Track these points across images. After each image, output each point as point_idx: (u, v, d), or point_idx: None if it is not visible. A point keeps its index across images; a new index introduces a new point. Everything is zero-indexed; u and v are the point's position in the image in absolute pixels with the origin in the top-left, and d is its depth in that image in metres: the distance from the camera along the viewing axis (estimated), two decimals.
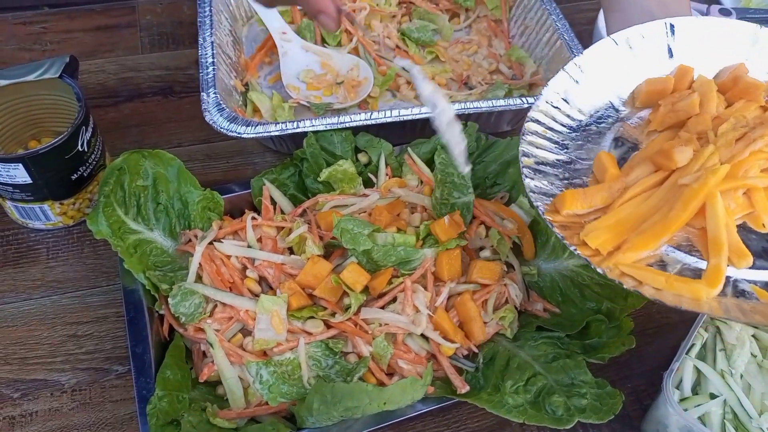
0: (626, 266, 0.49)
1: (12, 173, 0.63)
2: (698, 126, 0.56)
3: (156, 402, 0.52)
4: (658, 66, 0.62)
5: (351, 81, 0.86)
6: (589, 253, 0.50)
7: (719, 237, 0.48)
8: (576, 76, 0.61)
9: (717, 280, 0.47)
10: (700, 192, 0.50)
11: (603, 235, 0.50)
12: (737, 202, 0.51)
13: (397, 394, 0.52)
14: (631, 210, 0.53)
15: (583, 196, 0.53)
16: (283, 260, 0.62)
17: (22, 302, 0.66)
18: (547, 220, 0.52)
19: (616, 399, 0.53)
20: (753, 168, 0.51)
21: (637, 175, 0.55)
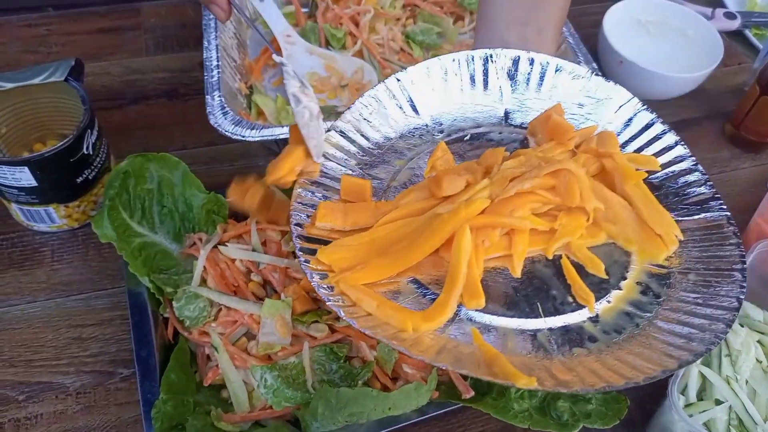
0: (348, 286, 0.47)
1: (17, 176, 0.63)
2: (488, 159, 0.54)
3: (161, 405, 0.52)
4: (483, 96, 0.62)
5: (355, 84, 0.86)
6: (320, 268, 0.49)
7: (457, 271, 0.47)
8: (395, 91, 0.60)
9: (438, 315, 0.46)
10: (450, 222, 0.48)
11: (340, 252, 0.49)
12: (493, 241, 0.49)
13: (402, 399, 0.52)
14: (387, 232, 0.51)
15: (344, 212, 0.52)
16: (288, 264, 0.62)
17: (26, 305, 0.66)
18: (294, 229, 0.51)
19: (622, 404, 0.53)
20: (522, 209, 0.50)
21: (410, 199, 0.53)
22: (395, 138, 0.58)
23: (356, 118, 0.59)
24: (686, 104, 0.92)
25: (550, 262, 0.51)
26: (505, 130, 0.60)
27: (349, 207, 0.52)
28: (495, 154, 0.54)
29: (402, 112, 0.60)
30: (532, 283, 0.50)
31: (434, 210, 0.50)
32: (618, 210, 0.52)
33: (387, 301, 0.46)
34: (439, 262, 0.49)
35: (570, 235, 0.50)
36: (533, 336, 0.48)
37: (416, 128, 0.60)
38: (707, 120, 0.92)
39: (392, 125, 0.59)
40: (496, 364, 0.43)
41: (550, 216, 0.51)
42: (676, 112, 0.91)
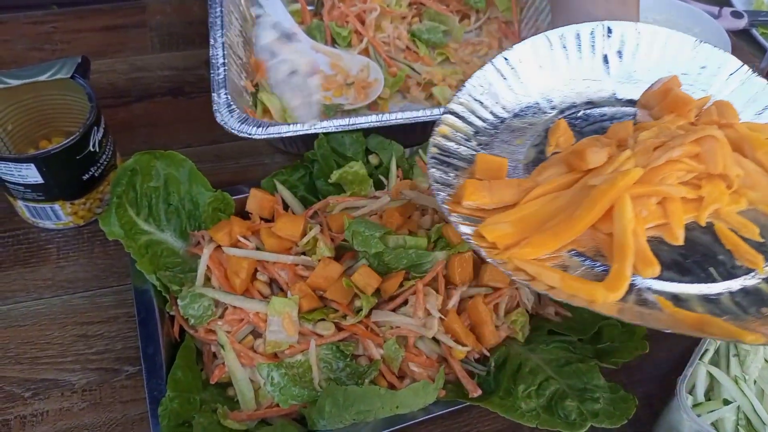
0: (521, 261, 0.47)
1: (24, 173, 0.63)
2: (620, 133, 0.54)
3: (167, 403, 0.52)
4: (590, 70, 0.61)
5: (361, 82, 0.86)
6: (484, 245, 0.48)
7: (625, 241, 0.46)
8: (504, 71, 0.59)
9: (618, 285, 0.45)
10: (608, 193, 0.47)
11: (502, 229, 0.48)
12: (650, 210, 0.48)
13: (410, 397, 0.51)
14: (536, 208, 0.50)
15: (489, 190, 0.51)
16: (294, 260, 0.62)
17: (32, 302, 0.66)
18: (445, 209, 0.50)
19: (630, 404, 0.53)
20: (670, 177, 0.49)
21: (549, 174, 0.53)
22: (509, 117, 0.58)
23: (468, 100, 0.58)
24: None
25: (704, 230, 0.50)
26: (617, 103, 0.60)
27: (493, 184, 0.51)
28: (624, 127, 0.54)
29: (512, 91, 0.59)
30: (696, 250, 0.49)
31: (583, 182, 0.50)
32: (755, 176, 0.52)
33: (568, 275, 0.46)
34: (594, 235, 0.49)
35: (718, 201, 0.50)
36: (716, 300, 0.46)
37: (528, 107, 0.59)
38: None
39: (504, 105, 0.59)
40: (708, 324, 0.43)
41: (692, 185, 0.50)
42: None
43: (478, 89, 0.58)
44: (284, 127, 0.70)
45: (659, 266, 0.46)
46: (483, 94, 0.58)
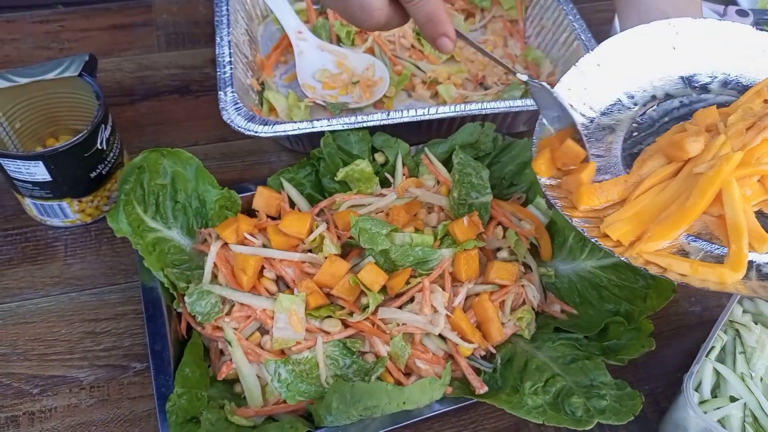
0: (650, 254, 0.49)
1: (32, 171, 0.63)
2: (706, 119, 0.57)
3: (175, 399, 0.52)
4: (662, 63, 0.63)
5: (366, 80, 0.86)
6: (611, 245, 0.51)
7: (738, 222, 0.49)
8: (587, 72, 0.61)
9: (740, 264, 0.47)
10: (715, 179, 0.50)
11: (623, 226, 0.51)
12: (753, 188, 0.51)
13: (417, 393, 0.52)
14: (647, 201, 0.53)
15: (600, 191, 0.54)
16: (300, 258, 0.62)
17: (40, 299, 0.66)
18: (566, 215, 0.53)
19: (636, 400, 0.53)
20: (766, 155, 0.52)
21: (650, 167, 0.55)
22: (597, 116, 0.61)
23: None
24: None
25: None
26: (692, 92, 0.63)
27: (603, 185, 0.54)
28: (709, 113, 0.57)
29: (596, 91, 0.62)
30: None
31: (687, 171, 0.53)
32: None
33: (696, 261, 0.49)
34: (704, 218, 0.52)
35: None
36: None
37: (612, 104, 0.62)
38: None
39: (591, 105, 0.61)
40: None
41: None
42: None
43: (566, 93, 0.60)
44: (290, 125, 0.71)
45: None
46: (572, 98, 0.60)
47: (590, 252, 0.64)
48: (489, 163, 0.73)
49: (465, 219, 0.62)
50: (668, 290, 0.58)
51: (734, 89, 0.62)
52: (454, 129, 0.74)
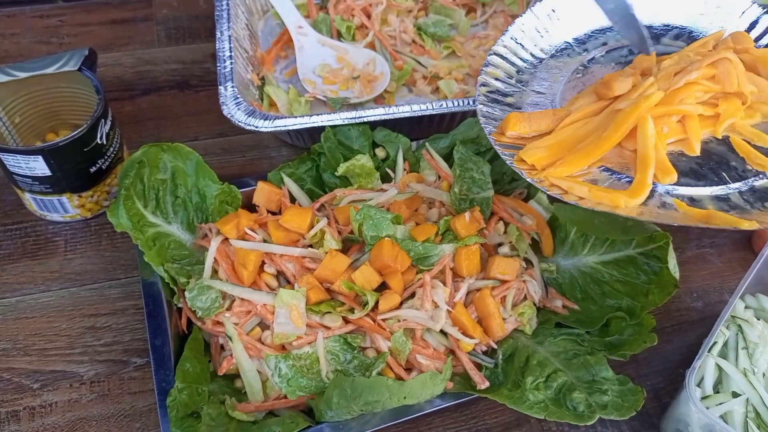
0: (555, 178, 0.54)
1: (31, 165, 0.63)
2: (644, 63, 0.61)
3: (176, 394, 0.52)
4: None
5: (367, 75, 0.85)
6: (525, 168, 0.56)
7: (647, 154, 0.53)
8: (541, 16, 0.68)
9: (640, 192, 0.52)
10: (632, 114, 0.54)
11: (540, 153, 0.56)
12: (671, 127, 0.56)
13: (417, 388, 0.51)
14: (570, 133, 0.58)
15: (528, 120, 0.59)
16: (301, 253, 0.61)
17: (40, 294, 0.66)
18: (492, 139, 0.59)
19: (638, 396, 0.53)
20: (689, 98, 0.56)
21: (580, 104, 0.60)
22: (546, 58, 0.67)
23: (511, 43, 0.68)
24: None
25: (720, 142, 0.57)
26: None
27: (532, 115, 0.60)
28: (648, 58, 0.62)
29: (548, 35, 0.69)
30: (711, 159, 0.56)
31: (611, 108, 0.57)
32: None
33: (595, 186, 0.53)
34: (621, 152, 0.56)
35: (732, 116, 0.56)
36: (726, 199, 0.53)
37: (563, 48, 0.68)
38: None
39: (542, 47, 0.68)
40: (713, 217, 0.50)
41: (710, 104, 0.57)
42: None
43: (520, 33, 0.67)
44: (291, 120, 0.70)
45: (676, 174, 0.53)
46: (524, 38, 0.67)
47: (592, 247, 0.64)
48: (490, 158, 0.73)
49: (467, 214, 0.62)
50: (670, 285, 0.58)
51: (684, 42, 0.67)
52: (455, 124, 0.74)
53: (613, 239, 0.62)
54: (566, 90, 0.64)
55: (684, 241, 0.75)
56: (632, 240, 0.61)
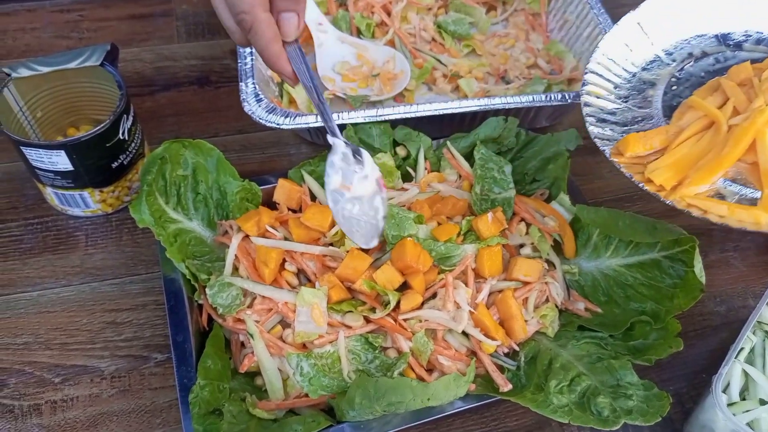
0: (690, 198, 0.56)
1: (54, 160, 0.63)
2: (740, 73, 0.63)
3: (198, 391, 0.52)
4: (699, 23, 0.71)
5: (387, 73, 0.85)
6: (654, 189, 0.58)
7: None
8: (628, 30, 0.70)
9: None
10: (749, 130, 0.56)
11: (665, 172, 0.59)
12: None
13: (441, 390, 0.51)
14: (686, 150, 0.61)
15: (644, 139, 0.62)
16: (322, 251, 0.61)
17: (61, 288, 0.66)
18: (615, 162, 0.61)
19: (664, 401, 0.52)
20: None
21: (688, 119, 0.63)
22: (638, 71, 0.70)
23: (603, 59, 0.70)
24: None
25: None
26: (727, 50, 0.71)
27: (647, 134, 0.63)
28: (743, 68, 0.64)
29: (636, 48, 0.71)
30: None
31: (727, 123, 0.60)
32: None
33: (733, 204, 0.56)
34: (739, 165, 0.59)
35: None
36: None
37: (652, 61, 0.71)
38: None
39: (633, 61, 0.70)
40: None
41: None
42: None
43: (610, 49, 0.69)
44: (311, 118, 0.70)
45: None
46: (615, 54, 0.69)
47: (615, 249, 0.63)
48: (511, 158, 0.72)
49: (489, 215, 0.62)
50: (696, 290, 0.57)
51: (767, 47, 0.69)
52: (476, 124, 0.73)
53: (638, 242, 0.61)
54: (665, 104, 0.67)
55: (708, 245, 0.74)
56: (657, 243, 0.60)
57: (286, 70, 0.53)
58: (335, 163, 0.55)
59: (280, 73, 0.53)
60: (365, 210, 0.56)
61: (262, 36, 0.50)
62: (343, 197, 0.55)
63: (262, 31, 0.49)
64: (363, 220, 0.56)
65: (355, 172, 0.55)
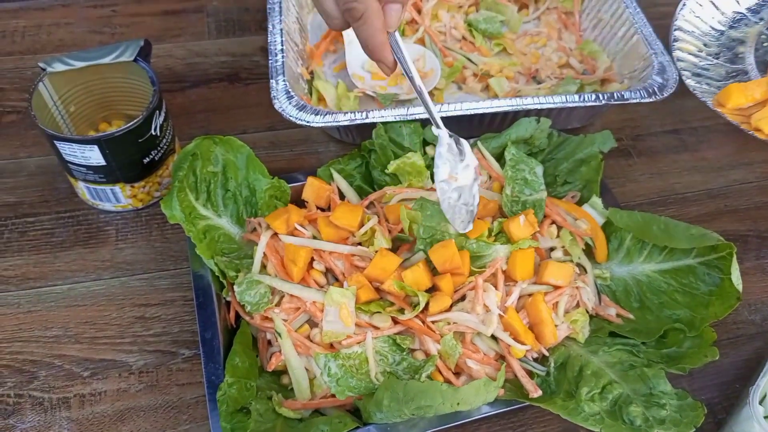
0: None
1: (87, 154, 0.64)
2: None
3: (226, 389, 0.52)
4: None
5: (417, 72, 0.84)
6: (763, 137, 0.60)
7: None
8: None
9: None
10: None
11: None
12: None
13: (471, 395, 0.51)
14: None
15: (746, 89, 0.64)
16: (350, 251, 0.61)
17: (91, 282, 0.67)
18: (719, 111, 0.63)
19: (698, 411, 0.51)
20: None
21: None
22: (726, 29, 0.72)
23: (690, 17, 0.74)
24: None
25: None
26: None
27: (747, 86, 0.65)
28: None
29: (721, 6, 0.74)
30: None
31: None
32: None
33: None
34: None
35: None
36: None
37: (739, 19, 0.74)
38: None
39: (719, 19, 0.73)
40: None
41: None
42: None
43: (697, 7, 0.72)
44: (341, 116, 0.70)
45: None
46: (702, 12, 0.72)
47: (649, 255, 0.62)
48: (543, 159, 0.71)
49: (521, 218, 0.61)
50: (732, 298, 0.56)
51: None
52: (506, 124, 0.72)
53: (672, 247, 0.60)
54: (758, 59, 0.70)
55: (743, 252, 0.73)
56: (692, 249, 0.59)
57: (388, 60, 0.54)
58: (443, 154, 0.58)
59: (380, 61, 0.55)
60: (465, 197, 0.58)
61: (371, 25, 0.51)
62: (450, 187, 0.57)
63: (372, 20, 0.51)
64: (463, 207, 0.58)
65: (459, 162, 0.58)
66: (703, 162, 0.81)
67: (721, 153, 0.82)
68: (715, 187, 0.79)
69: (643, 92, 0.72)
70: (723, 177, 0.80)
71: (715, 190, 0.78)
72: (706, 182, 0.79)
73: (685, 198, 0.77)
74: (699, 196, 0.78)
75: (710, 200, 0.77)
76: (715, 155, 0.82)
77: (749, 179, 0.79)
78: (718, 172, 0.80)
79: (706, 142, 0.83)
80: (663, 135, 0.84)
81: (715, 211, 0.76)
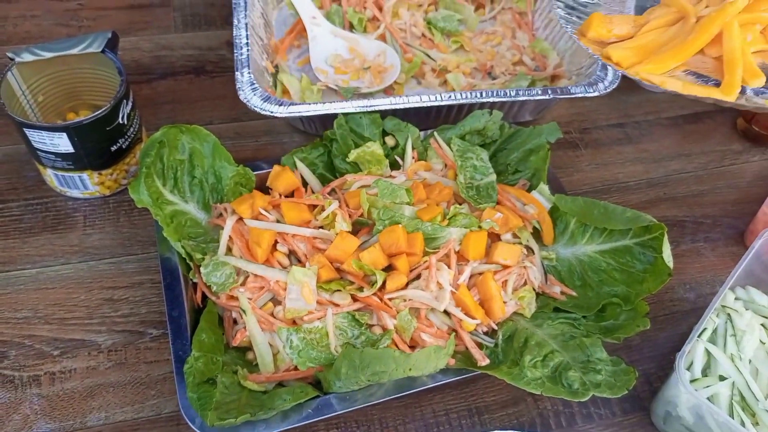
0: (646, 73, 0.56)
1: (56, 142, 0.66)
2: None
3: (192, 362, 0.55)
4: None
5: (377, 67, 0.88)
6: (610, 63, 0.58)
7: (735, 57, 0.54)
8: None
9: (731, 91, 0.53)
10: (717, 19, 0.55)
11: (625, 52, 0.58)
12: (754, 35, 0.56)
13: (422, 360, 0.54)
14: (652, 38, 0.60)
15: (609, 22, 0.61)
16: (312, 233, 0.64)
17: (60, 266, 0.69)
18: (575, 38, 0.61)
19: (630, 376, 0.56)
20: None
21: (659, 13, 0.62)
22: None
23: None
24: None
25: None
26: None
27: (613, 18, 0.62)
28: None
29: None
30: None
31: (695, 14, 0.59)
32: None
33: (688, 82, 0.55)
34: (703, 59, 0.58)
35: None
36: None
37: None
38: (721, 114, 0.93)
39: None
40: None
41: None
42: (691, 105, 0.93)
43: None
44: (305, 107, 0.73)
45: (764, 77, 0.54)
46: None
47: (590, 237, 0.67)
48: (495, 149, 0.76)
49: (498, 214, 0.66)
50: (664, 274, 0.61)
51: None
52: (462, 116, 0.77)
53: (611, 229, 0.65)
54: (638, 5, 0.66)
55: (679, 236, 0.78)
56: (629, 230, 0.64)
57: None
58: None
59: None
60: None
61: None
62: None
63: None
64: None
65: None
66: (644, 153, 0.87)
67: (662, 145, 0.88)
68: (655, 176, 0.84)
69: (588, 87, 0.78)
70: (663, 167, 0.85)
71: (655, 179, 0.84)
72: (647, 172, 0.85)
73: (627, 186, 0.83)
74: (640, 185, 0.83)
75: (650, 189, 0.83)
76: (656, 147, 0.88)
77: (687, 169, 0.85)
78: (658, 162, 0.86)
79: (648, 135, 0.89)
80: (608, 128, 0.89)
81: (655, 199, 0.82)
